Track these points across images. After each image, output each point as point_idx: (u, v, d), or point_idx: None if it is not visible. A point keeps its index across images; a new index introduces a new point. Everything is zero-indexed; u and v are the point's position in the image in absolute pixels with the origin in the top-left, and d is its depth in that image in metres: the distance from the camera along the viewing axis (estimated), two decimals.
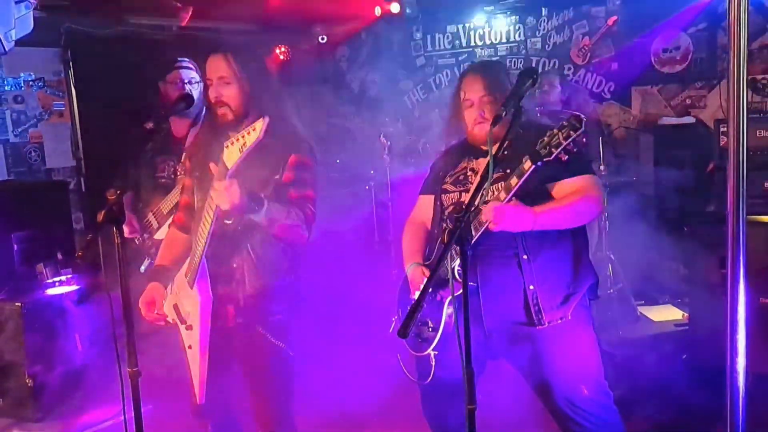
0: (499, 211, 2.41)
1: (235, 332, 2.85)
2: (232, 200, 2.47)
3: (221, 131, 2.80)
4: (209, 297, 2.76)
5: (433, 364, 2.69)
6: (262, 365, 2.88)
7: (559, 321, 2.64)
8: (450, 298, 2.60)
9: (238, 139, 2.42)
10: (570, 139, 2.28)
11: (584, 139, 2.31)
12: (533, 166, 2.38)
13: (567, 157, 2.34)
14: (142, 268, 3.78)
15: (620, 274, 5.41)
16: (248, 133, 2.39)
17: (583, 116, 2.29)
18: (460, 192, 2.75)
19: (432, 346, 2.68)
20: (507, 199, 2.45)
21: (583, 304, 2.71)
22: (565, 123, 2.30)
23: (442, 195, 2.82)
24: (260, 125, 2.38)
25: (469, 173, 2.77)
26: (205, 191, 2.80)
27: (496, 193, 2.49)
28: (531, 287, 2.60)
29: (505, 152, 2.50)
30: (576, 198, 2.58)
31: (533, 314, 2.61)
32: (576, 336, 2.68)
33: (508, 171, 2.54)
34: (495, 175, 2.50)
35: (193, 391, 2.87)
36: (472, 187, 2.65)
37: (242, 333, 2.84)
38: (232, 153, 2.45)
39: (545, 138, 2.33)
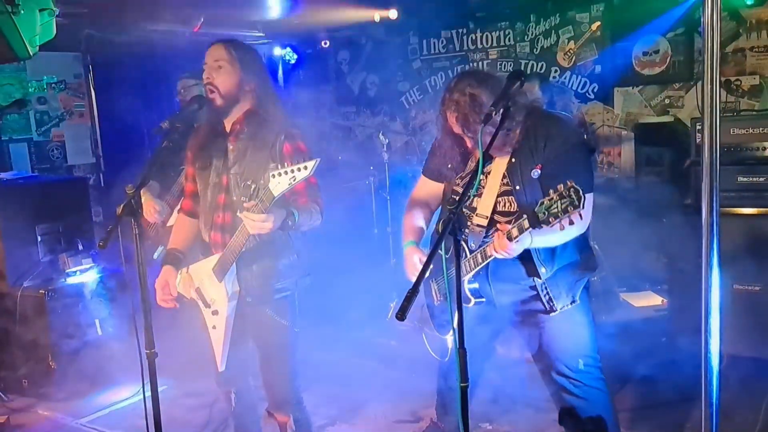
0: (506, 250, 2.42)
1: (248, 310, 2.89)
2: (262, 231, 2.50)
3: (213, 117, 2.82)
4: (237, 289, 2.83)
5: (450, 346, 2.79)
6: (269, 342, 2.94)
7: (570, 305, 2.69)
8: (471, 304, 2.64)
9: (287, 172, 2.36)
10: (567, 215, 2.19)
11: (580, 217, 2.22)
12: (530, 229, 2.33)
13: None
14: (156, 255, 3.79)
15: (603, 263, 5.41)
16: (299, 170, 2.36)
17: (582, 192, 2.17)
18: (473, 197, 2.73)
19: (449, 332, 2.77)
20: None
21: (586, 286, 2.77)
22: (565, 193, 2.19)
23: (453, 196, 2.79)
24: (312, 164, 2.36)
25: (480, 177, 2.75)
26: (206, 180, 2.84)
27: (500, 238, 2.44)
28: (541, 280, 2.62)
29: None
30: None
31: (545, 303, 2.66)
32: (580, 316, 2.73)
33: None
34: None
35: (215, 362, 2.95)
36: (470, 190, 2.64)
37: (252, 311, 2.88)
38: (280, 183, 2.37)
39: (545, 201, 2.24)
